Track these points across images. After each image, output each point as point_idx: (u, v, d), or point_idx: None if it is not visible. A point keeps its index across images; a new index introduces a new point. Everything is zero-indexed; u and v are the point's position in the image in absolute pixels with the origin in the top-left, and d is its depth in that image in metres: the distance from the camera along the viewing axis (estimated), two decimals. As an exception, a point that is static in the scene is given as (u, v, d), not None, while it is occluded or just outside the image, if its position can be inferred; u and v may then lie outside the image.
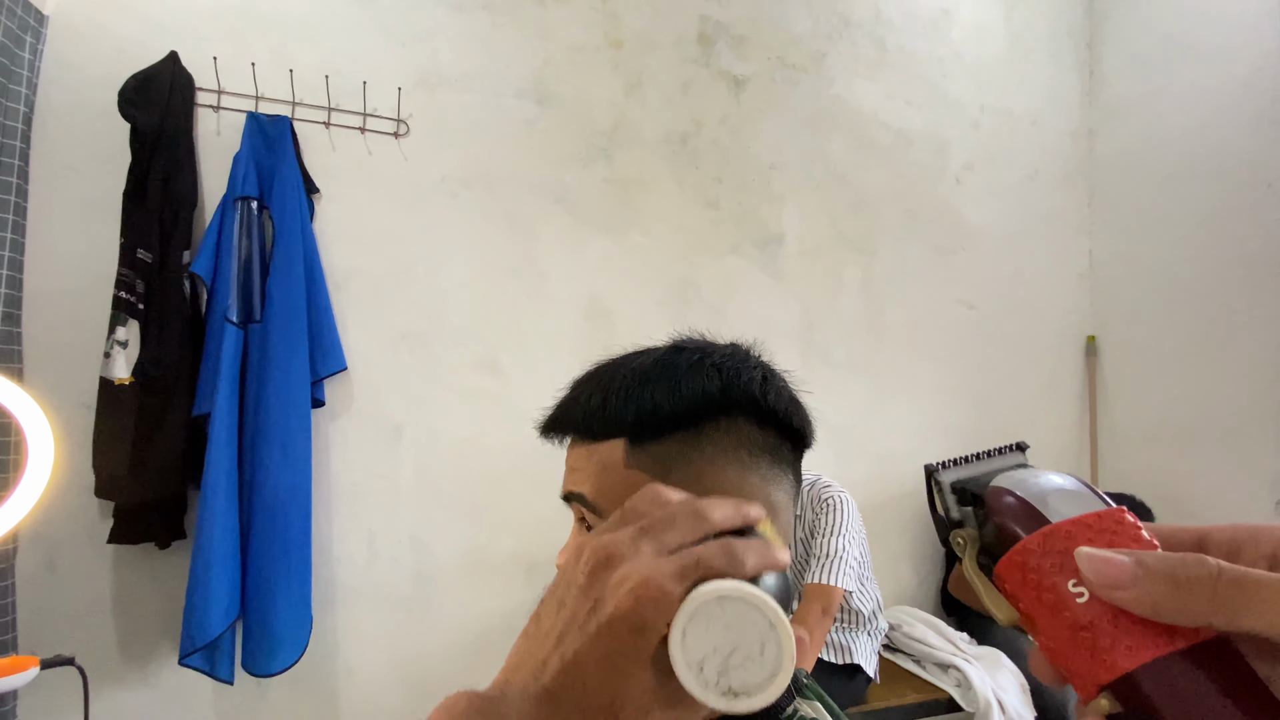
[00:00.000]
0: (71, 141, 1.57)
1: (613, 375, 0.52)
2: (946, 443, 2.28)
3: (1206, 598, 0.21)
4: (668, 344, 0.55)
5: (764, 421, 0.50)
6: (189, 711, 1.60)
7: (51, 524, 1.52)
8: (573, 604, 0.32)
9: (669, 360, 0.51)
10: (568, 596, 0.33)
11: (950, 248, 2.28)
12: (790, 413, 0.51)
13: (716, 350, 0.53)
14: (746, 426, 0.50)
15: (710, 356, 0.51)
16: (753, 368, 0.52)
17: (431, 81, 1.80)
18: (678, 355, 0.51)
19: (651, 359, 0.52)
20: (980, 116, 2.30)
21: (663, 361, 0.51)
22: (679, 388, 0.49)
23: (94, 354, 1.51)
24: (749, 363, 0.52)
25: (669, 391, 0.49)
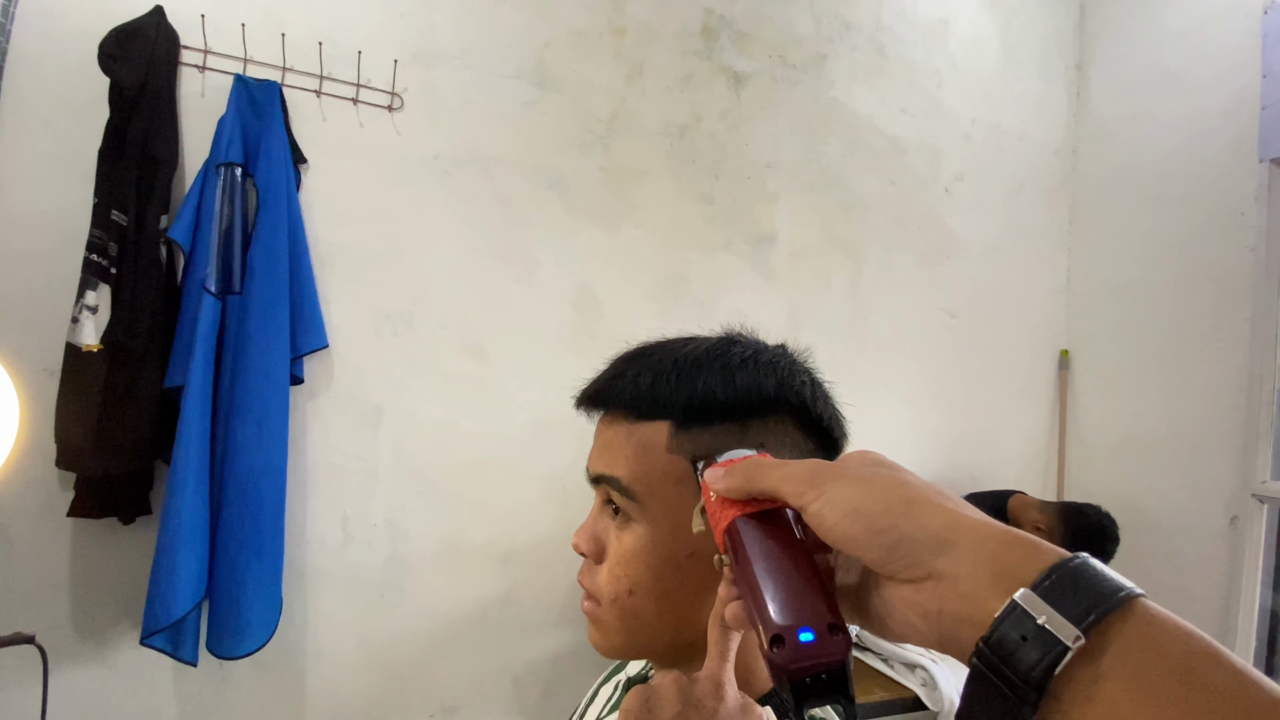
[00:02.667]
0: (45, 94, 1.48)
1: (663, 357, 0.52)
2: (922, 448, 2.32)
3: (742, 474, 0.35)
4: (719, 334, 0.56)
5: (808, 426, 0.51)
6: (148, 692, 1.55)
7: (7, 495, 1.45)
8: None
9: (723, 350, 0.51)
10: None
11: (936, 256, 2.31)
12: (834, 422, 0.53)
13: (769, 349, 0.54)
14: (791, 428, 0.50)
15: (764, 354, 0.52)
16: (802, 372, 0.53)
17: (429, 56, 1.76)
18: (732, 347, 0.52)
19: (704, 347, 0.52)
20: (971, 129, 2.33)
21: (716, 351, 0.51)
22: (733, 379, 0.49)
23: (60, 318, 1.44)
24: (799, 367, 0.54)
25: (724, 381, 0.49)
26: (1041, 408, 2.48)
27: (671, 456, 0.49)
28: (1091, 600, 0.23)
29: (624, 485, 0.50)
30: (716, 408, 0.48)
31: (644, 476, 0.50)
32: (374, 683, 1.72)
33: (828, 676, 0.28)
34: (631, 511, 0.51)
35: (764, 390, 0.49)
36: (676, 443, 0.49)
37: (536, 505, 1.82)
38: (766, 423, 0.49)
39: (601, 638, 0.53)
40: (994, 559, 0.25)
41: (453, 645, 1.78)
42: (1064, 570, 0.24)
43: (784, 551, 0.32)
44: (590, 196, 1.89)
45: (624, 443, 0.51)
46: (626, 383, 0.52)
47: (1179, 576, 2.06)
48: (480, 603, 1.80)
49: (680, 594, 0.49)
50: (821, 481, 0.31)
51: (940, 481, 1.86)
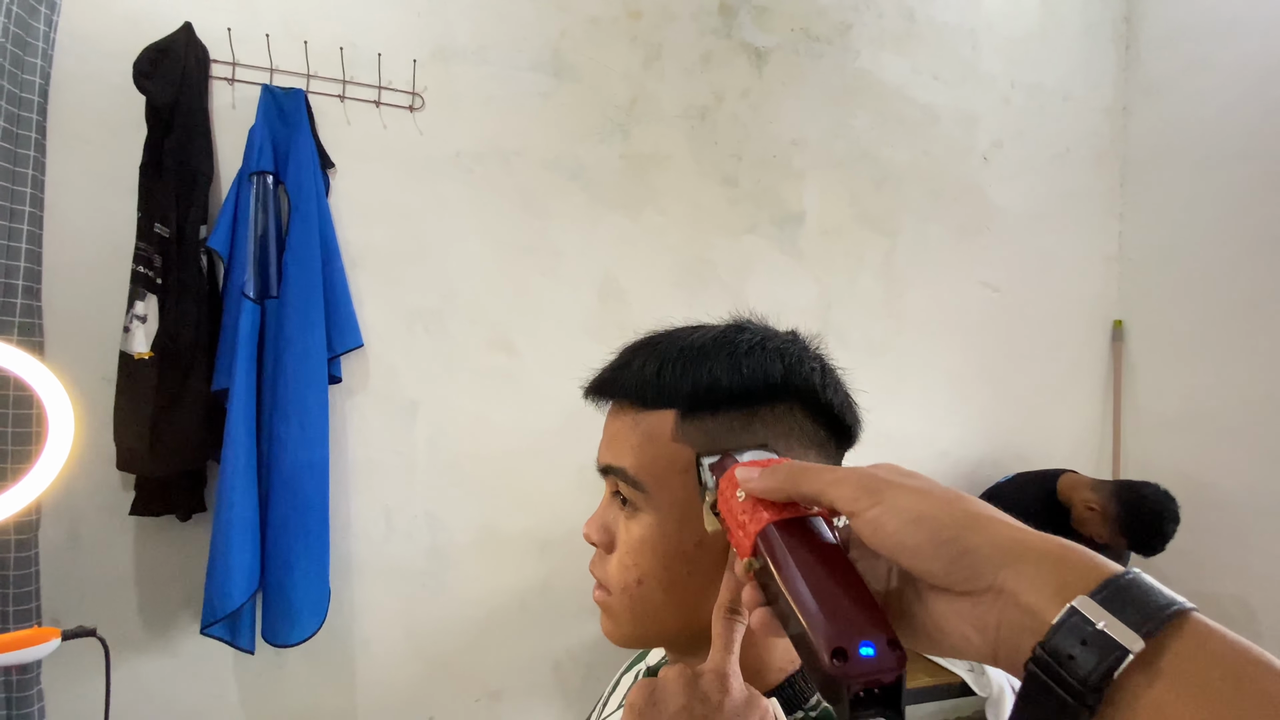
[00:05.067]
0: (88, 114, 1.56)
1: (669, 345, 0.51)
2: (965, 427, 2.25)
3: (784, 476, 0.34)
4: (727, 322, 0.54)
5: (817, 413, 0.50)
6: (211, 680, 1.64)
7: (74, 496, 1.55)
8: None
9: (730, 337, 0.50)
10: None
11: (975, 228, 2.22)
12: (844, 409, 0.51)
13: (778, 335, 0.52)
14: (800, 416, 0.49)
15: (773, 340, 0.51)
16: (813, 358, 0.51)
17: (447, 53, 1.77)
18: (739, 334, 0.51)
19: (711, 334, 0.51)
20: (1010, 92, 2.22)
21: (723, 338, 0.50)
22: (740, 366, 0.48)
23: (114, 328, 1.52)
24: (808, 352, 0.52)
25: (730, 368, 0.48)
26: (1094, 382, 2.37)
27: (677, 445, 0.48)
28: (1147, 610, 0.23)
29: (630, 475, 0.50)
30: (722, 395, 0.48)
31: (650, 466, 0.49)
32: (421, 670, 1.78)
33: (881, 691, 0.28)
34: (638, 501, 0.51)
35: (771, 377, 0.48)
36: (682, 431, 0.48)
37: (570, 494, 1.84)
38: (774, 409, 0.48)
39: (613, 627, 0.53)
40: (1055, 572, 0.26)
41: (494, 632, 1.82)
42: (1120, 583, 0.25)
43: (833, 561, 0.31)
44: (611, 185, 1.89)
45: (630, 432, 0.51)
46: (632, 372, 0.51)
47: (1247, 555, 1.95)
48: (519, 591, 1.84)
49: (689, 583, 0.49)
50: (878, 489, 0.30)
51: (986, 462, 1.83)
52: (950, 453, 2.24)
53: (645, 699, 0.42)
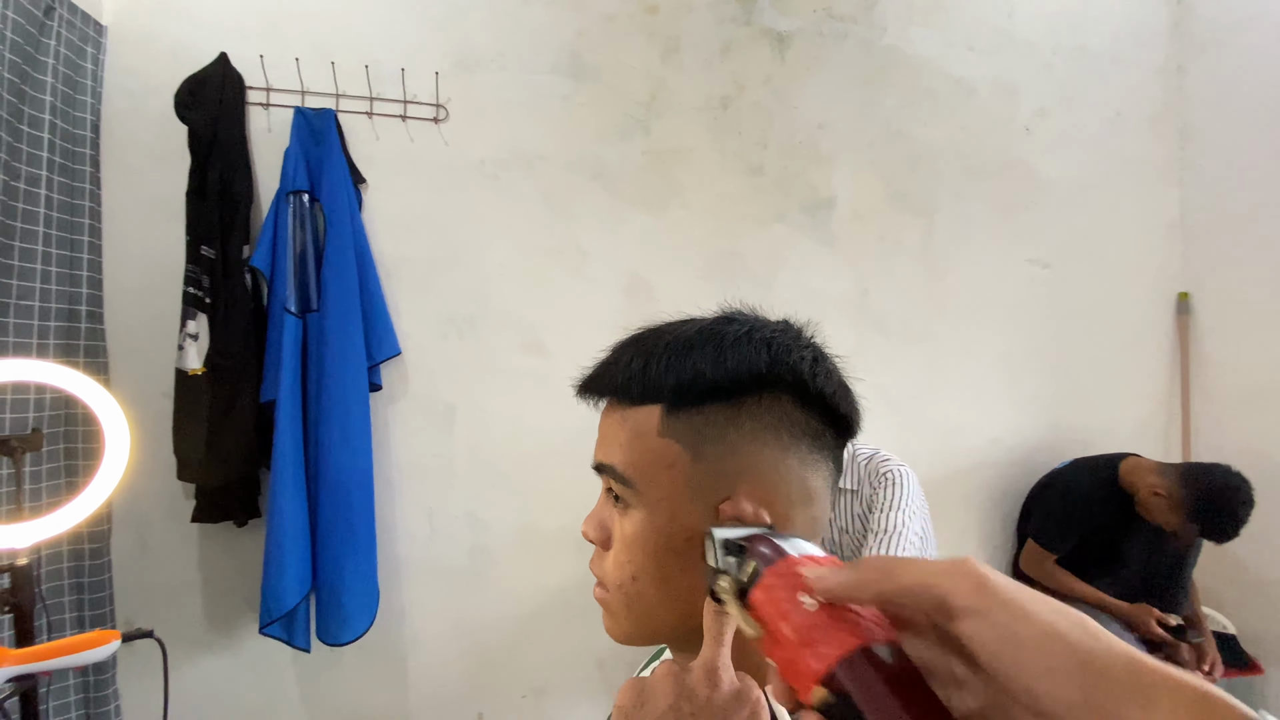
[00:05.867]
0: (137, 145, 1.65)
1: (657, 339, 0.50)
2: (1018, 412, 2.16)
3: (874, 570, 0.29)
4: (717, 313, 0.53)
5: (808, 403, 0.49)
6: (272, 678, 1.72)
7: (141, 506, 1.65)
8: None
9: (717, 329, 0.49)
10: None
11: (1019, 204, 2.12)
12: (838, 397, 0.50)
13: (767, 325, 0.51)
14: (789, 406, 0.48)
15: (760, 330, 0.49)
16: (804, 346, 0.50)
17: (468, 63, 1.80)
18: (727, 325, 0.50)
19: (698, 326, 0.50)
20: (1053, 58, 2.11)
21: (710, 330, 0.49)
22: (724, 357, 0.47)
23: (172, 346, 1.61)
24: (800, 341, 0.50)
25: (714, 360, 0.47)
26: (1158, 359, 2.23)
27: (664, 441, 0.48)
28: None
29: (619, 472, 0.50)
30: (707, 387, 0.47)
31: (638, 462, 0.49)
32: (468, 666, 1.82)
33: None
34: (629, 498, 0.51)
35: (755, 367, 0.47)
36: (668, 426, 0.48)
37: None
38: (761, 401, 0.47)
39: (613, 624, 0.53)
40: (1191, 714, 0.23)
41: (537, 630, 1.85)
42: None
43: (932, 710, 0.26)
44: (634, 182, 1.88)
45: (619, 430, 0.51)
46: (619, 368, 0.51)
47: (1337, 540, 1.80)
48: (560, 589, 1.86)
49: (682, 579, 0.49)
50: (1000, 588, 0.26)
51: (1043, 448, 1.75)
52: (1003, 439, 2.15)
53: (633, 700, 0.42)
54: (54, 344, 1.49)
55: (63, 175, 1.52)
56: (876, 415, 2.03)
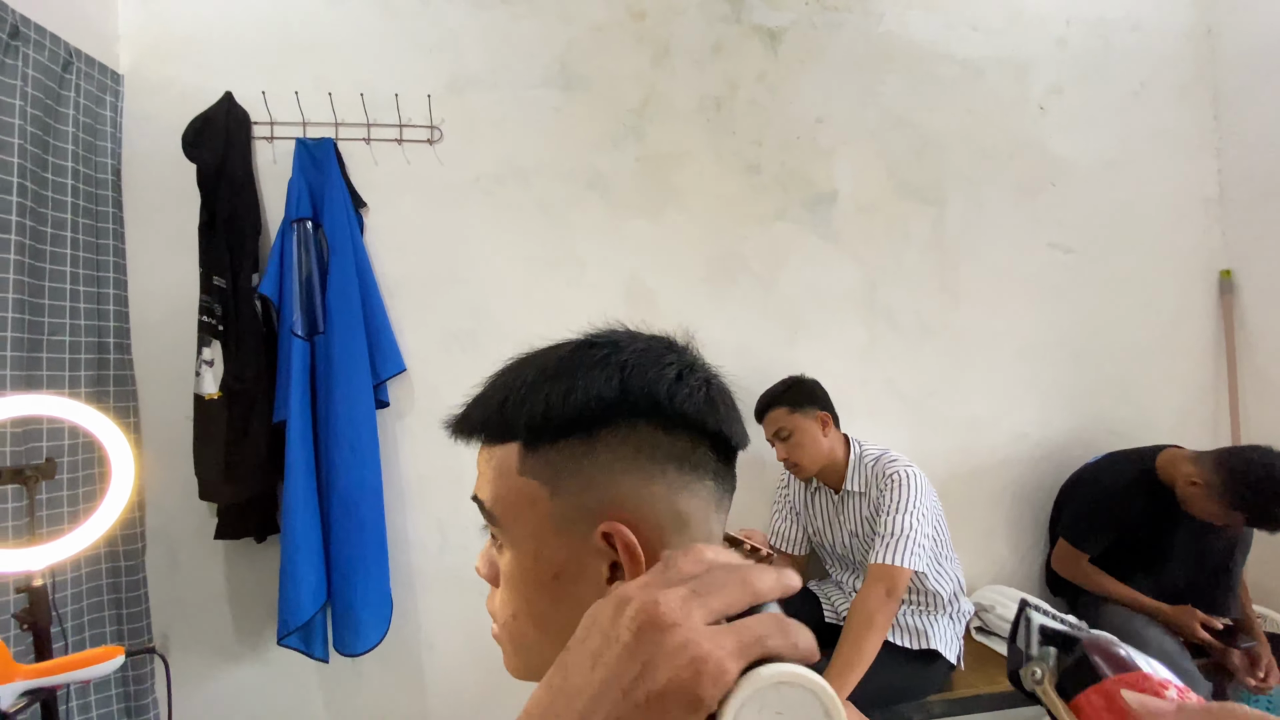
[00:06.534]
0: (155, 185, 1.76)
1: (518, 372, 0.49)
2: (1045, 404, 2.06)
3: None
4: (581, 337, 0.50)
5: (671, 426, 0.46)
6: (298, 686, 1.79)
7: (171, 524, 1.75)
8: (615, 663, 0.30)
9: (574, 358, 0.47)
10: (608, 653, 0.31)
11: (1036, 186, 2.02)
12: (703, 415, 0.46)
13: (630, 346, 0.48)
14: (648, 431, 0.45)
15: (620, 354, 0.47)
16: (666, 365, 0.47)
17: (460, 84, 1.84)
18: (585, 352, 0.47)
19: (558, 355, 0.48)
20: (1066, 31, 2.00)
21: (568, 359, 0.47)
22: (575, 389, 0.45)
23: (189, 373, 1.70)
24: (663, 360, 0.47)
25: (564, 393, 0.45)
26: (1201, 342, 2.09)
27: (523, 479, 0.46)
28: None
29: (488, 510, 0.49)
30: (558, 423, 0.45)
31: (503, 499, 0.48)
32: (483, 675, 1.86)
33: None
34: (499, 535, 0.49)
35: (605, 395, 0.45)
36: (525, 464, 0.46)
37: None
38: (617, 430, 0.45)
39: (506, 661, 0.52)
40: None
41: (550, 638, 1.87)
42: None
43: None
44: (629, 188, 1.88)
45: (485, 466, 0.49)
46: (480, 406, 0.50)
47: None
48: (571, 597, 1.87)
49: (555, 615, 0.46)
50: None
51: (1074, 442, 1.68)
52: (1030, 434, 2.05)
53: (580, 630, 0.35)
54: (85, 375, 1.60)
55: (87, 217, 1.62)
56: (889, 413, 1.99)
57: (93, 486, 1.55)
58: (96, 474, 1.57)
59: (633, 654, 0.29)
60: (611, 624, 0.31)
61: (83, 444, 1.55)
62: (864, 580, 1.55)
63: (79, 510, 1.50)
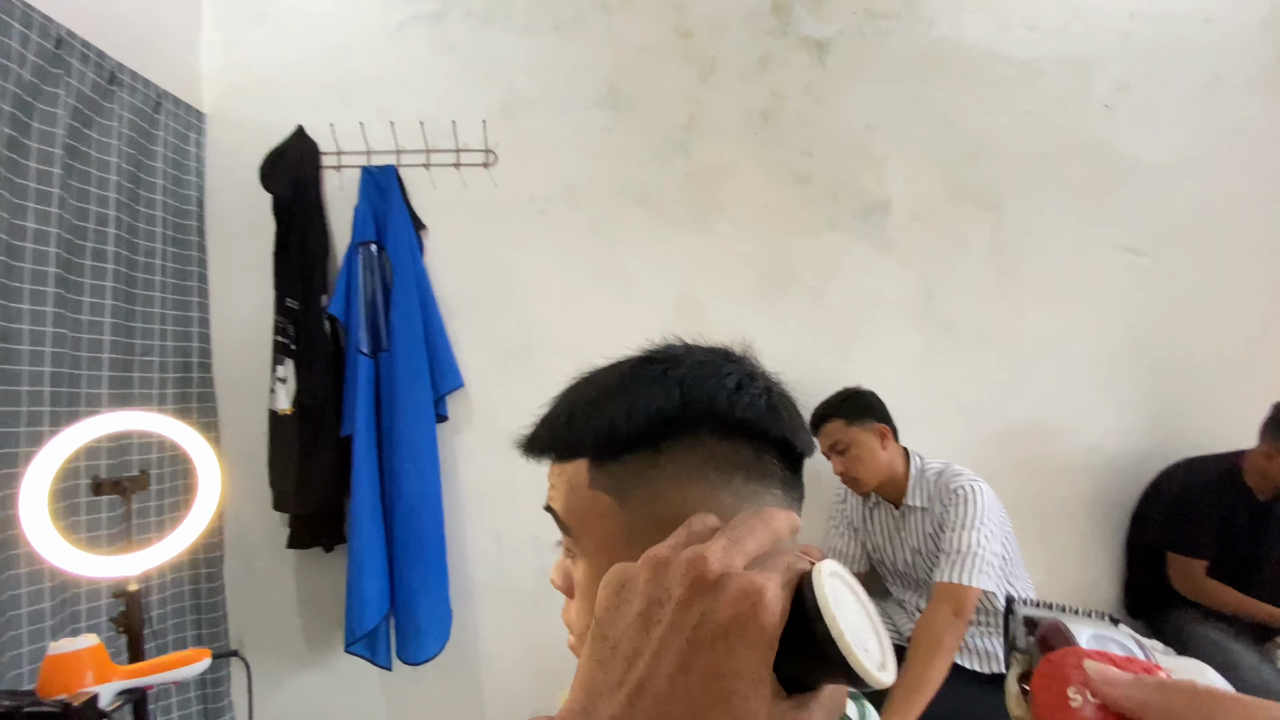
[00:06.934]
0: (234, 214, 1.88)
1: (582, 391, 0.50)
2: (1120, 415, 1.95)
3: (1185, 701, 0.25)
4: (641, 354, 0.51)
5: (733, 435, 0.46)
6: (363, 693, 1.85)
7: (248, 534, 1.84)
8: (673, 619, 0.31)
9: (635, 374, 0.48)
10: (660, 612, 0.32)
11: (1103, 187, 1.94)
12: (765, 423, 0.47)
13: (688, 359, 0.49)
14: (711, 441, 0.46)
15: (678, 368, 0.48)
16: (725, 375, 0.47)
17: (513, 109, 1.90)
18: (645, 368, 0.48)
19: (619, 373, 0.49)
20: (1131, 25, 1.93)
21: (629, 375, 0.48)
22: (637, 405, 0.46)
23: (265, 390, 1.80)
24: (722, 371, 0.47)
25: (628, 409, 0.46)
26: (1293, 346, 1.95)
27: (594, 493, 0.47)
28: None
29: (561, 520, 0.50)
30: (623, 439, 0.46)
31: (575, 511, 0.49)
32: (540, 687, 1.87)
33: None
34: (572, 546, 0.51)
35: (666, 410, 0.45)
36: (594, 478, 0.47)
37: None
38: (681, 442, 0.46)
39: None
40: None
41: (606, 651, 1.87)
42: None
43: None
44: (677, 203, 1.90)
45: (558, 479, 0.50)
46: (548, 426, 0.51)
47: None
48: (625, 610, 1.88)
49: None
50: None
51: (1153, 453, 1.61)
52: (1102, 446, 1.95)
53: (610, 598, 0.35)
54: (171, 393, 1.71)
55: (174, 245, 1.75)
56: (950, 425, 1.93)
57: (177, 498, 1.65)
58: (181, 485, 1.67)
59: (689, 606, 0.30)
60: (655, 584, 0.32)
61: (169, 457, 1.65)
62: (929, 599, 1.50)
63: (165, 520, 1.60)
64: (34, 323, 1.26)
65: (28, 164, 1.26)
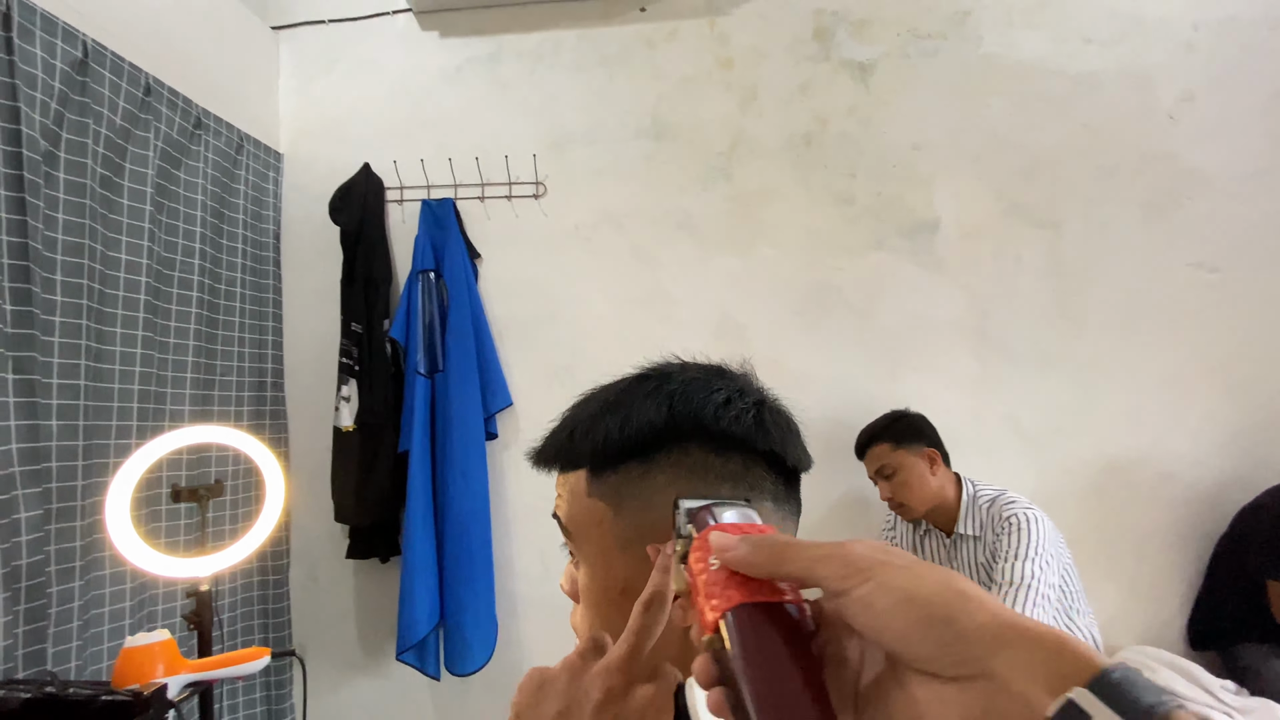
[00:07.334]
0: (307, 245, 2.03)
1: (584, 406, 0.54)
2: (1196, 442, 1.83)
3: (767, 553, 0.31)
4: (638, 371, 0.55)
5: (721, 448, 0.49)
6: (413, 701, 1.92)
7: (312, 543, 1.95)
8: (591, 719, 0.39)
9: (631, 389, 0.52)
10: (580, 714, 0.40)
11: (1169, 201, 1.85)
12: (752, 436, 0.49)
13: (680, 375, 0.52)
14: (700, 453, 0.49)
15: (670, 383, 0.50)
16: (714, 391, 0.50)
17: (561, 142, 1.99)
18: (640, 384, 0.52)
19: (617, 389, 0.53)
20: (1194, 35, 1.85)
21: (625, 391, 0.52)
22: (630, 419, 0.49)
23: (330, 408, 1.92)
24: (712, 386, 0.50)
25: (621, 422, 0.49)
26: (1397, 368, 1.79)
27: (592, 500, 0.51)
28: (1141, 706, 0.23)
29: (564, 525, 0.54)
30: (615, 451, 0.49)
31: (576, 518, 0.53)
32: (583, 704, 1.88)
33: None
34: (574, 551, 0.55)
35: (655, 422, 0.49)
36: (592, 487, 0.51)
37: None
38: (671, 453, 0.49)
39: None
40: (1051, 661, 0.25)
41: (648, 672, 1.87)
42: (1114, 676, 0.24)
43: (797, 660, 0.29)
44: (718, 227, 1.93)
45: (562, 489, 0.55)
46: (553, 439, 0.56)
47: None
48: (668, 631, 1.88)
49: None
50: (868, 567, 0.29)
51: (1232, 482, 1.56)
52: (1178, 474, 1.83)
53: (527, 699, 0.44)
54: (247, 410, 1.85)
55: (252, 275, 1.90)
56: (1008, 450, 1.87)
57: (249, 507, 1.78)
58: (253, 495, 1.79)
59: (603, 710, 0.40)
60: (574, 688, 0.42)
61: (243, 469, 1.78)
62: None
63: (238, 527, 1.71)
64: (125, 345, 1.40)
65: (121, 201, 1.41)
